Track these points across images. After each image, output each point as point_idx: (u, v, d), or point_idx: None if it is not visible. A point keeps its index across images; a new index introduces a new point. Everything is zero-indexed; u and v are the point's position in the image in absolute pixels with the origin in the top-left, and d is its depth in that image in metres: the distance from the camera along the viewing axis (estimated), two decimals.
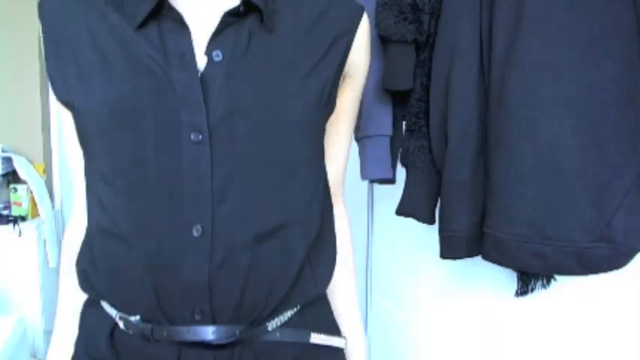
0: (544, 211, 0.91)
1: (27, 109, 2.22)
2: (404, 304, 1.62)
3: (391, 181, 1.26)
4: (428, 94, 1.11)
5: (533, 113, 0.91)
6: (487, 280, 1.37)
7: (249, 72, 0.63)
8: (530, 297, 1.18)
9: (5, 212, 2.14)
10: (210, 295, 0.63)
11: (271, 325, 0.68)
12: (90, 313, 0.74)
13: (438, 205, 1.13)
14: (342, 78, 0.73)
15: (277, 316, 0.68)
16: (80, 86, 0.64)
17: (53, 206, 2.28)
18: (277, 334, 0.68)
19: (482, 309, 1.42)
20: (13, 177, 2.16)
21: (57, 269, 2.26)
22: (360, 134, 1.22)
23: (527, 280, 1.17)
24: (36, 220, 2.14)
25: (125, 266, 0.65)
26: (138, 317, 0.66)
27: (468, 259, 1.09)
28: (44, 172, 2.25)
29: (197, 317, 0.63)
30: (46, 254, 2.13)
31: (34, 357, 2.08)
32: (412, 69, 1.11)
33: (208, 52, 0.63)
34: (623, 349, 1.13)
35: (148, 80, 0.61)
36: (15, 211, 2.13)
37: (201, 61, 0.63)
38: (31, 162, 2.19)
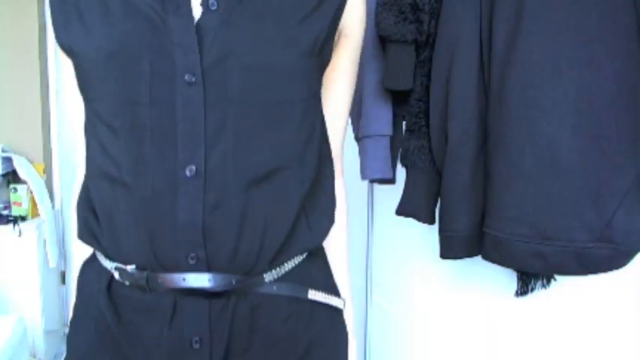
0: (544, 211, 0.91)
1: (27, 109, 2.22)
2: (403, 304, 1.62)
3: (391, 181, 1.26)
4: (428, 94, 1.11)
5: (533, 113, 0.91)
6: (487, 280, 1.37)
7: (243, 20, 0.65)
8: (530, 297, 1.18)
9: (5, 212, 2.14)
10: (204, 239, 0.63)
11: (268, 276, 0.68)
12: (88, 270, 0.74)
13: (438, 205, 1.13)
14: (337, 36, 0.74)
15: (274, 267, 0.68)
16: (80, 32, 0.66)
17: (53, 206, 2.28)
18: (274, 287, 0.69)
19: (483, 309, 1.42)
20: (13, 177, 2.16)
21: (57, 269, 2.27)
22: (360, 134, 1.22)
23: (527, 280, 1.17)
24: (36, 220, 2.14)
25: (122, 209, 0.65)
26: (133, 266, 0.66)
27: (468, 259, 1.09)
28: (44, 172, 2.25)
29: (191, 262, 0.64)
30: (46, 254, 2.13)
31: (34, 357, 2.08)
32: (412, 69, 1.11)
33: (204, 2, 0.65)
34: (623, 349, 1.13)
35: (144, 26, 0.63)
36: (15, 211, 2.13)
37: (197, 11, 0.65)
38: (31, 162, 2.19)
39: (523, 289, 1.18)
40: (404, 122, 1.20)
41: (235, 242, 0.65)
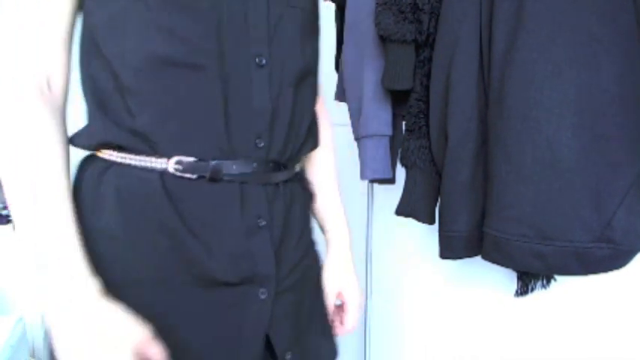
0: (544, 211, 0.91)
1: None
2: (404, 304, 1.61)
3: (391, 181, 1.25)
4: (428, 94, 1.11)
5: (533, 113, 0.91)
6: (487, 280, 1.37)
7: None
8: (530, 297, 1.19)
9: (5, 212, 2.14)
10: (271, 124, 0.70)
11: (296, 167, 0.81)
12: (110, 175, 0.66)
13: (438, 204, 1.13)
14: None
15: (298, 159, 0.80)
16: None
17: None
18: (297, 177, 0.81)
19: (483, 309, 1.42)
20: None
21: None
22: (360, 134, 1.22)
23: (527, 280, 1.17)
24: None
25: (188, 94, 0.65)
26: (196, 158, 0.66)
27: (468, 259, 1.09)
28: None
29: (259, 145, 0.70)
30: None
31: (34, 357, 2.08)
32: (412, 69, 1.11)
33: None
34: (623, 349, 1.13)
35: None
36: None
37: None
38: None
39: (523, 289, 1.18)
40: (404, 122, 1.20)
41: (288, 127, 0.73)
